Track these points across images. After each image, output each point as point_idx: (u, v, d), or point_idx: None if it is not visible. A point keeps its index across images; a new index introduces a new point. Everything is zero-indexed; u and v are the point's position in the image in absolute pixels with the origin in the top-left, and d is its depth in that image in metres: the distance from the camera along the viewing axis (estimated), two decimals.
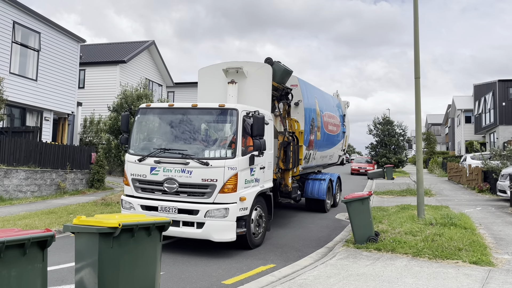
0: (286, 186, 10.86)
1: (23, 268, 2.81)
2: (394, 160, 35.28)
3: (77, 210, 12.90)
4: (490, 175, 18.38)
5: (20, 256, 2.79)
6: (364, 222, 8.49)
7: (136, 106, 14.47)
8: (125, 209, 8.61)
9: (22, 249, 2.79)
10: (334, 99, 16.17)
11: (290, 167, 10.67)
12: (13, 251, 2.74)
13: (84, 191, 17.67)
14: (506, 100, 32.64)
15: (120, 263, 3.44)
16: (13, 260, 2.75)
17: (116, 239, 3.39)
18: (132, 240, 3.51)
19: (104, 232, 3.35)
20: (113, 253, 3.40)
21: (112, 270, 3.41)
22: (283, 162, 10.66)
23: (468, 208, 13.54)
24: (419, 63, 10.57)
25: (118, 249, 3.42)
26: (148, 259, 3.68)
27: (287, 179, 10.87)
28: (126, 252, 3.48)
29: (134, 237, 3.51)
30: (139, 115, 9.01)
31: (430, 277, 6.28)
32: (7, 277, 2.71)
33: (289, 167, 10.69)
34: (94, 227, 3.37)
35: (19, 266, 2.79)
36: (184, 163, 8.05)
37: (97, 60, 27.17)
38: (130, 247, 3.51)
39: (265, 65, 10.50)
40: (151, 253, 3.70)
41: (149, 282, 3.68)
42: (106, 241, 3.37)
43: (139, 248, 3.60)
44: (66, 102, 21.07)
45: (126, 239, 3.47)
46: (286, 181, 10.85)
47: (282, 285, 6.17)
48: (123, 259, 3.46)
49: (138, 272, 3.59)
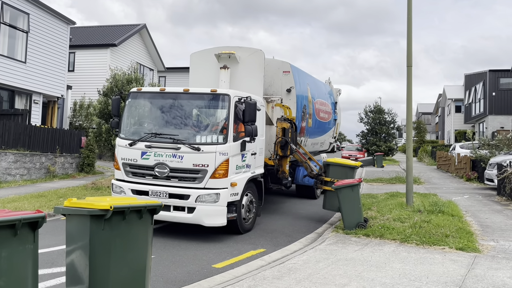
0: (284, 172, 10.90)
1: (14, 248, 2.81)
2: (384, 148, 35.55)
3: (67, 193, 12.85)
4: (479, 164, 18.60)
5: (11, 237, 2.78)
6: (353, 209, 8.59)
7: (126, 90, 14.35)
8: (116, 193, 8.60)
9: (13, 229, 2.78)
10: (326, 86, 16.18)
11: (288, 153, 10.68)
12: (4, 232, 2.74)
13: (74, 175, 17.58)
14: (496, 90, 32.90)
15: (112, 245, 3.46)
16: (4, 240, 2.75)
17: (107, 221, 3.40)
18: (124, 223, 3.52)
19: (95, 215, 3.35)
20: (104, 235, 3.40)
21: (104, 253, 3.42)
22: (281, 149, 10.67)
23: (455, 196, 13.72)
24: (412, 51, 10.60)
25: (109, 232, 3.43)
26: (140, 242, 3.69)
27: (284, 165, 10.90)
28: (117, 235, 3.49)
29: (125, 220, 3.52)
30: (130, 99, 8.94)
31: (417, 263, 6.39)
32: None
33: (287, 154, 10.70)
34: (86, 209, 3.37)
35: (10, 247, 2.78)
36: (175, 148, 8.04)
37: (88, 43, 26.82)
38: (121, 230, 3.52)
39: (258, 51, 10.45)
40: (142, 236, 3.72)
41: (140, 265, 3.70)
42: (98, 224, 3.37)
43: (131, 231, 3.61)
44: (56, 85, 20.81)
45: (117, 221, 3.47)
46: (284, 168, 10.87)
47: (271, 269, 6.24)
48: (114, 242, 3.47)
49: (130, 255, 3.61)
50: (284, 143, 10.52)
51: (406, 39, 10.66)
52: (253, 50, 10.53)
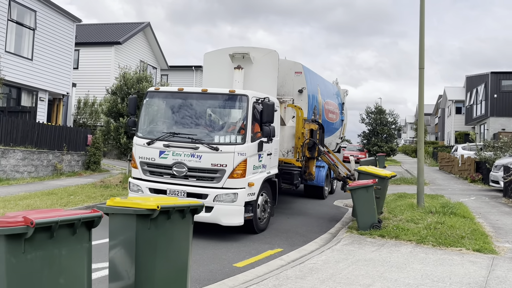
0: (310, 174, 10.97)
1: (73, 247, 2.86)
2: (386, 149, 35.67)
3: (76, 191, 12.88)
4: (483, 166, 18.71)
5: (70, 236, 2.84)
6: (368, 209, 8.64)
7: (136, 89, 14.39)
8: (133, 192, 8.64)
9: (72, 228, 2.83)
10: (333, 87, 16.26)
11: (315, 155, 10.74)
12: (64, 231, 2.79)
13: (81, 172, 17.59)
14: (498, 92, 33.04)
15: (157, 244, 3.50)
16: (64, 239, 2.80)
17: (153, 221, 3.45)
18: (168, 222, 3.57)
19: (142, 214, 3.40)
20: (150, 234, 3.45)
21: (149, 251, 3.47)
22: (309, 150, 10.72)
23: (462, 198, 13.82)
24: (424, 54, 10.67)
25: (155, 231, 3.48)
26: (182, 241, 3.74)
27: (311, 167, 10.97)
28: (162, 234, 3.54)
29: (170, 220, 3.57)
30: (148, 98, 8.99)
31: (437, 264, 6.46)
32: (58, 256, 2.77)
33: (315, 156, 10.76)
34: (132, 208, 3.42)
35: (69, 245, 2.83)
36: (193, 147, 8.09)
37: (92, 40, 26.80)
38: (165, 229, 3.57)
39: (272, 51, 10.51)
40: (184, 236, 3.77)
41: (182, 263, 3.75)
42: (144, 223, 3.42)
43: (174, 231, 3.66)
44: (61, 83, 20.82)
45: (162, 221, 3.52)
46: (311, 169, 10.95)
47: (293, 268, 6.30)
48: (159, 241, 3.52)
49: (173, 254, 3.66)
50: (312, 144, 10.53)
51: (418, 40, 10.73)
52: (267, 51, 10.58)
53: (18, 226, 2.50)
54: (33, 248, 2.61)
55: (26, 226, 2.52)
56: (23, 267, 2.57)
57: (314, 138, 10.62)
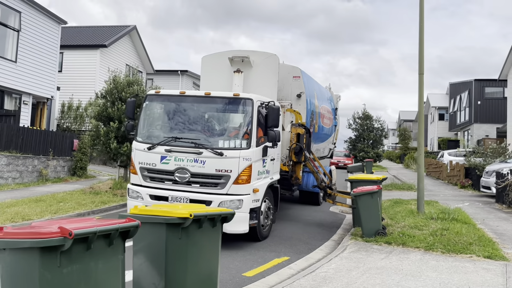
0: (297, 179, 10.75)
1: (108, 259, 2.59)
2: (372, 155, 35.82)
3: (65, 198, 12.42)
4: (473, 172, 18.85)
5: (106, 247, 2.56)
6: (372, 216, 8.49)
7: (127, 92, 14.02)
8: (132, 199, 8.30)
9: (108, 239, 2.56)
10: (327, 92, 16.16)
11: (302, 159, 10.54)
12: (100, 242, 2.51)
13: (67, 178, 17.06)
14: (481, 99, 33.58)
15: (188, 255, 3.24)
16: (100, 251, 2.53)
17: (184, 230, 3.19)
18: (199, 231, 3.32)
19: (172, 223, 3.14)
20: (181, 245, 3.19)
21: (180, 264, 3.20)
22: (295, 154, 10.51)
23: (456, 203, 13.81)
24: (423, 60, 10.63)
25: (186, 241, 3.22)
26: (212, 252, 3.50)
27: (298, 172, 10.75)
28: (193, 244, 3.29)
29: (201, 228, 3.32)
30: (148, 102, 8.69)
31: (451, 271, 6.33)
32: (95, 269, 2.49)
33: (301, 160, 10.56)
34: (161, 217, 3.15)
35: (105, 257, 2.56)
36: (197, 152, 7.82)
37: (76, 43, 26.21)
38: (197, 239, 3.31)
39: (272, 55, 10.35)
40: (215, 246, 3.52)
41: (212, 275, 3.51)
42: (174, 232, 3.16)
43: (205, 240, 3.41)
44: (46, 86, 20.23)
45: (193, 230, 3.27)
46: (297, 174, 10.72)
47: (304, 278, 6.08)
48: (190, 252, 3.26)
49: (204, 266, 3.41)
50: (298, 149, 10.36)
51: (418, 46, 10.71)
52: (268, 55, 10.41)
53: (54, 237, 2.23)
54: (69, 262, 2.33)
55: (63, 238, 2.24)
56: (58, 282, 2.30)
57: (301, 143, 10.41)
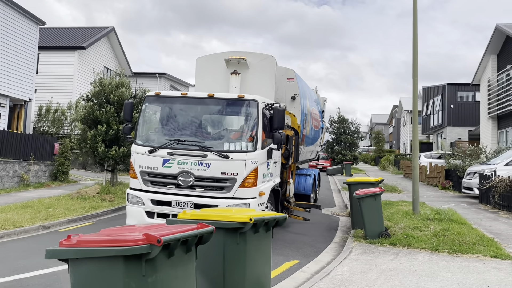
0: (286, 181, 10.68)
1: (186, 266, 2.45)
2: (349, 157, 36.28)
3: (53, 204, 12.01)
4: (453, 173, 19.32)
5: (183, 254, 2.42)
6: (376, 218, 8.55)
7: (115, 95, 13.68)
8: (132, 204, 8.06)
9: (186, 246, 2.42)
10: (315, 95, 16.23)
11: (291, 162, 10.49)
12: (179, 249, 2.37)
13: (48, 183, 16.51)
14: (454, 102, 34.53)
15: (246, 261, 3.13)
16: (179, 258, 2.38)
17: (242, 235, 3.08)
18: (255, 236, 3.21)
19: (231, 228, 3.02)
20: (239, 250, 3.08)
21: (239, 269, 3.09)
22: (284, 157, 10.45)
23: (442, 204, 14.06)
24: (417, 64, 10.80)
25: (243, 246, 3.11)
26: (265, 254, 3.40)
27: (286, 174, 10.69)
28: (250, 249, 3.17)
29: (258, 233, 3.21)
30: (147, 104, 8.49)
31: (464, 271, 6.41)
32: (175, 278, 2.34)
33: (290, 163, 10.50)
34: (219, 222, 3.03)
35: (183, 265, 2.42)
36: (201, 155, 7.67)
37: (53, 44, 25.50)
38: (253, 244, 3.21)
39: (269, 57, 10.29)
40: (267, 248, 3.42)
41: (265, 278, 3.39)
42: (233, 237, 3.04)
43: (260, 244, 3.30)
44: (24, 88, 19.58)
45: (250, 235, 3.16)
46: (286, 176, 10.67)
47: (322, 281, 6.03)
48: (249, 257, 3.15)
49: (259, 270, 3.30)
50: (287, 155, 10.24)
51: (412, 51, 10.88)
52: (264, 56, 10.35)
53: (141, 245, 2.08)
54: (153, 270, 2.19)
55: (149, 245, 2.10)
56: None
57: (290, 144, 10.34)
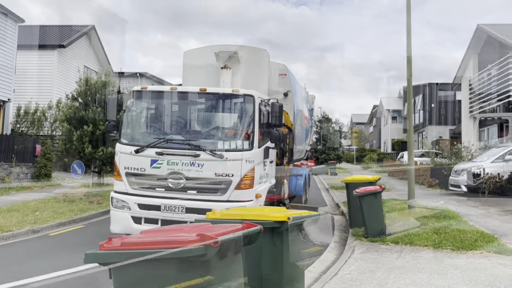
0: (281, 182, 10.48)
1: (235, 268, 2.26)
2: (333, 156, 36.45)
3: (39, 207, 11.57)
4: (439, 171, 19.53)
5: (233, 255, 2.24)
6: (376, 216, 8.47)
7: (102, 94, 13.28)
8: (117, 209, 7.51)
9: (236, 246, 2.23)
10: (304, 92, 16.13)
11: (285, 162, 10.31)
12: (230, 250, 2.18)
13: (31, 186, 15.93)
14: (435, 102, 35.07)
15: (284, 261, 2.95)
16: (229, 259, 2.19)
17: (278, 234, 2.90)
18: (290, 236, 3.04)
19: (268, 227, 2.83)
20: (276, 251, 2.90)
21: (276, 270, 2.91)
22: (278, 156, 10.26)
23: (432, 202, 14.13)
24: (412, 63, 10.86)
25: (280, 245, 2.92)
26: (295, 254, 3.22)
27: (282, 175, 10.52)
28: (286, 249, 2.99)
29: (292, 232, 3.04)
30: (133, 99, 7.93)
31: (471, 268, 6.35)
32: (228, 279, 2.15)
33: (285, 162, 10.33)
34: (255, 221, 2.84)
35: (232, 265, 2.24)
36: (193, 155, 7.16)
37: (32, 43, 24.69)
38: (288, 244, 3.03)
39: (262, 50, 10.01)
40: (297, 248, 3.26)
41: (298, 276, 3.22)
42: (270, 237, 2.86)
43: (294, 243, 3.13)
44: (3, 88, 18.91)
45: (285, 234, 2.98)
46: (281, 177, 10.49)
47: (331, 281, 5.88)
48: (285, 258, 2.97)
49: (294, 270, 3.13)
50: (281, 154, 10.09)
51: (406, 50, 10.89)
52: (257, 50, 10.06)
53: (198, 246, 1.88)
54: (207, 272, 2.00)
55: (204, 246, 1.90)
56: None
57: (284, 143, 10.16)
